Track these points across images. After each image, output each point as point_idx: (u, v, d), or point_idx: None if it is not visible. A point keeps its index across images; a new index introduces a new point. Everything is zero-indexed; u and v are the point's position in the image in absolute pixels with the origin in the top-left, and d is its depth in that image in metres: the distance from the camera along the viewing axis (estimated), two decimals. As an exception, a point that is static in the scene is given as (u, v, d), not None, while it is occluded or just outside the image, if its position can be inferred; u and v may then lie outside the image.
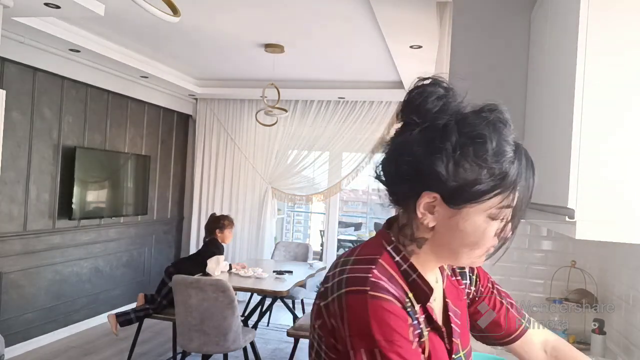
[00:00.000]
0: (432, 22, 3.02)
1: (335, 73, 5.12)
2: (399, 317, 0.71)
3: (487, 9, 2.10)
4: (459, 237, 0.77)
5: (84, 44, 4.01)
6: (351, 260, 0.78)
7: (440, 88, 0.79)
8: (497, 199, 0.75)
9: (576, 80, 1.17)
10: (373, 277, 0.73)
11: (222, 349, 3.19)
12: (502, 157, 0.74)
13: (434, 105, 0.77)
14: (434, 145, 0.75)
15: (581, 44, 1.18)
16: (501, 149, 0.74)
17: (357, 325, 0.71)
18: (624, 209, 1.15)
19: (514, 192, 0.76)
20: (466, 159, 0.74)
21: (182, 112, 6.21)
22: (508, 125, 0.77)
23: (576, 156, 1.17)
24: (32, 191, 4.14)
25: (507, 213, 0.77)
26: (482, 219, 0.76)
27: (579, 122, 1.17)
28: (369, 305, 0.70)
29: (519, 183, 0.76)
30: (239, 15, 3.50)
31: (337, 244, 6.52)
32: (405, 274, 0.79)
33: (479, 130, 0.74)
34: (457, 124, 0.75)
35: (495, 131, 0.75)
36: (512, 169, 0.75)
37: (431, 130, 0.76)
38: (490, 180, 0.74)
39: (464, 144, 0.74)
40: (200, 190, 6.29)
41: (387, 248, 0.80)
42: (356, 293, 0.72)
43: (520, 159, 0.76)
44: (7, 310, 3.94)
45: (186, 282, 3.18)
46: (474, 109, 0.78)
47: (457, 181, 0.74)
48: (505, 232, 0.79)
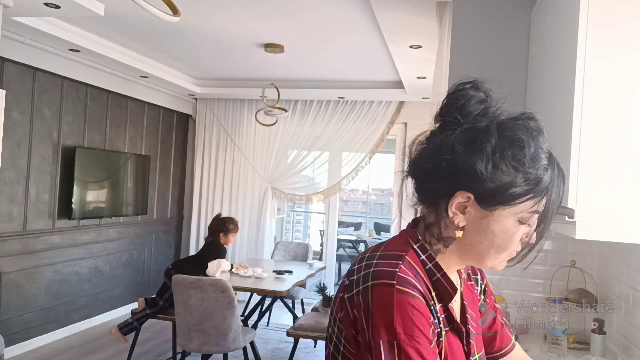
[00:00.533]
0: (432, 22, 3.02)
1: (335, 73, 5.12)
2: (422, 314, 0.73)
3: (487, 9, 2.11)
4: (488, 238, 0.80)
5: (84, 44, 4.02)
6: (378, 255, 0.80)
7: (482, 92, 0.82)
8: (529, 204, 0.78)
9: (576, 80, 1.17)
10: (400, 272, 0.75)
11: (222, 349, 3.19)
12: (537, 163, 0.77)
13: (476, 109, 0.80)
14: (475, 145, 0.77)
15: (581, 43, 1.18)
16: (537, 155, 0.77)
17: (382, 316, 0.72)
18: (624, 209, 1.15)
19: (545, 198, 0.78)
20: (505, 162, 0.77)
21: (182, 112, 6.21)
22: (543, 134, 0.79)
23: (576, 156, 1.17)
24: (32, 191, 4.15)
25: (536, 219, 0.79)
26: (512, 223, 0.79)
27: (579, 122, 1.17)
28: (395, 298, 0.72)
29: (551, 190, 0.78)
30: (239, 15, 3.50)
31: (337, 244, 6.52)
32: (430, 272, 0.81)
33: (518, 135, 0.77)
34: (498, 127, 0.78)
35: (532, 138, 0.77)
36: (546, 176, 0.78)
37: (473, 131, 0.78)
38: (525, 185, 0.77)
39: (504, 147, 0.77)
40: (200, 191, 6.30)
41: (413, 246, 0.82)
42: (384, 286, 0.74)
43: (554, 167, 0.79)
44: (7, 311, 3.94)
45: (186, 282, 3.18)
46: (511, 115, 0.80)
47: (494, 182, 0.77)
48: (531, 237, 0.81)
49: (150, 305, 3.77)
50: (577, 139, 1.17)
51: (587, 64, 1.17)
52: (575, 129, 1.18)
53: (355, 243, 7.56)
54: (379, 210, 9.74)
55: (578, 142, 1.17)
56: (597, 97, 1.17)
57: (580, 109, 1.17)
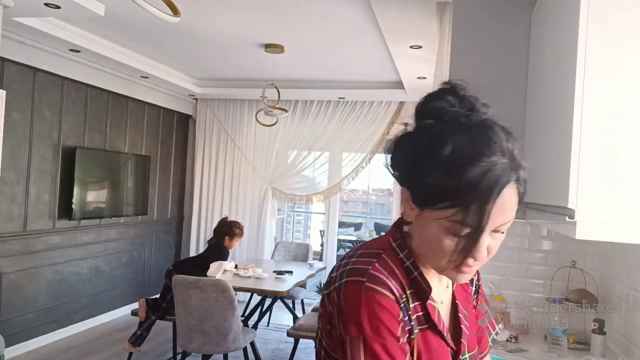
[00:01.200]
0: (432, 22, 3.02)
1: (335, 73, 5.12)
2: (389, 311, 0.74)
3: (487, 9, 2.10)
4: (424, 240, 0.79)
5: (84, 44, 4.02)
6: (358, 253, 0.82)
7: (450, 96, 0.79)
8: (449, 212, 0.73)
9: (576, 80, 1.17)
10: (373, 269, 0.77)
11: (222, 349, 3.19)
12: (461, 169, 0.71)
13: (431, 109, 0.79)
14: (406, 142, 0.80)
15: (581, 43, 1.18)
16: (464, 160, 0.72)
17: (350, 312, 0.74)
18: (624, 209, 1.15)
19: (468, 209, 0.72)
20: (426, 160, 0.75)
21: (182, 112, 6.21)
22: (493, 144, 0.73)
23: (576, 156, 1.17)
24: (32, 191, 4.15)
25: (461, 229, 0.73)
26: (436, 228, 0.75)
27: (579, 122, 1.17)
28: (363, 295, 0.74)
29: (473, 202, 0.71)
30: (239, 16, 3.50)
31: (337, 244, 6.52)
32: (408, 270, 0.81)
33: (445, 133, 0.74)
34: (435, 125, 0.77)
35: (470, 140, 0.73)
36: (471, 187, 0.71)
37: (415, 130, 0.80)
38: (445, 190, 0.73)
39: (433, 148, 0.74)
40: (200, 191, 6.30)
41: (392, 244, 0.83)
42: (354, 283, 0.76)
43: (487, 180, 0.71)
44: (7, 311, 3.94)
45: (186, 282, 3.18)
46: (470, 121, 0.77)
47: (418, 182, 0.77)
48: (458, 249, 0.74)
49: (152, 306, 3.77)
50: (577, 139, 1.17)
51: (587, 63, 1.17)
52: (575, 128, 1.17)
53: (355, 243, 7.56)
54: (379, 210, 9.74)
55: (578, 142, 1.17)
56: (597, 97, 1.17)
57: (580, 109, 1.17)
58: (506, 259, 2.32)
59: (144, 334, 3.71)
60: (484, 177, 0.71)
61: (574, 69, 1.19)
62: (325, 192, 5.99)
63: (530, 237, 2.31)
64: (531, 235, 2.31)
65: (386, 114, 5.67)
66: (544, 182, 1.51)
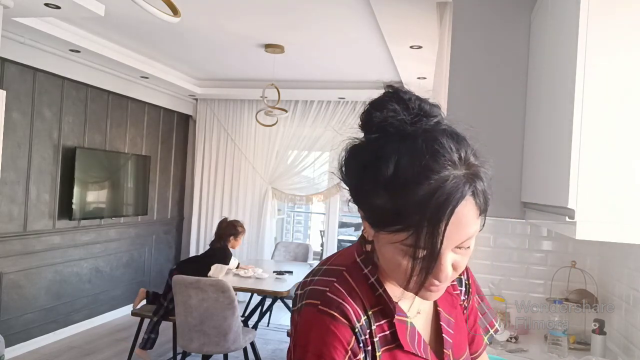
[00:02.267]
0: (432, 22, 3.02)
1: (335, 73, 5.12)
2: (337, 337, 0.70)
3: (487, 9, 2.10)
4: (384, 261, 0.73)
5: (84, 45, 4.01)
6: (322, 270, 0.79)
7: (395, 103, 0.71)
8: (402, 235, 0.66)
9: (576, 80, 1.17)
10: (329, 291, 0.73)
11: (222, 350, 3.19)
12: (410, 192, 0.64)
13: (371, 119, 0.73)
14: (358, 161, 0.72)
15: (581, 43, 1.18)
16: (413, 182, 0.64)
17: (301, 335, 0.73)
18: (624, 209, 1.15)
19: (420, 232, 0.64)
20: (376, 184, 0.67)
21: (182, 113, 6.21)
22: (441, 158, 0.65)
23: (576, 156, 1.17)
24: (32, 191, 4.15)
25: (417, 252, 0.66)
26: (391, 250, 0.69)
27: (579, 122, 1.17)
28: (314, 318, 0.72)
29: (423, 225, 0.64)
30: (239, 16, 3.50)
31: (338, 244, 6.52)
32: (373, 287, 0.76)
33: (384, 149, 0.67)
34: (376, 138, 0.70)
35: (417, 161, 0.65)
36: (419, 208, 0.64)
37: (363, 146, 0.73)
38: (392, 213, 0.66)
39: (377, 166, 0.67)
40: (200, 191, 6.30)
41: (357, 259, 0.78)
42: (310, 306, 0.73)
43: (436, 199, 0.63)
44: (7, 311, 3.94)
45: (186, 282, 3.18)
46: (416, 131, 0.68)
47: (368, 202, 0.70)
48: (417, 272, 0.68)
49: (151, 299, 3.77)
50: (577, 139, 1.17)
51: (587, 63, 1.17)
52: (575, 128, 1.17)
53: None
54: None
55: (578, 141, 1.17)
56: (597, 97, 1.17)
57: (580, 109, 1.17)
58: (506, 259, 2.32)
59: (151, 337, 3.71)
60: (433, 197, 0.63)
61: (574, 68, 1.19)
62: (325, 192, 5.99)
63: (531, 238, 2.31)
64: (531, 236, 2.31)
65: (386, 114, 5.66)
66: (544, 182, 1.51)
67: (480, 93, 2.03)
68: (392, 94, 0.73)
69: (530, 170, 1.82)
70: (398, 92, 0.72)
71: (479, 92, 2.03)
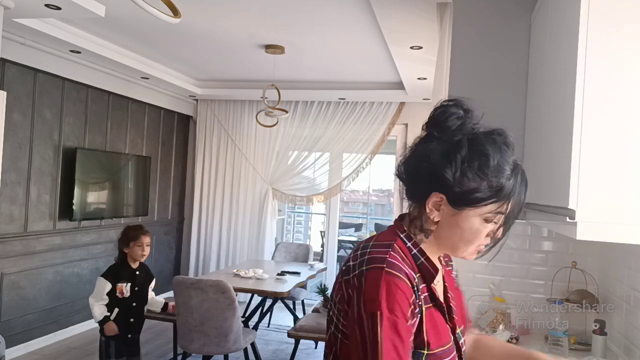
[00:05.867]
0: (433, 23, 3.02)
1: (335, 74, 5.12)
2: (404, 294, 0.87)
3: (487, 10, 2.10)
4: (457, 233, 0.95)
5: (85, 45, 4.02)
6: (370, 244, 0.95)
7: (461, 110, 0.95)
8: (493, 206, 0.92)
9: (577, 80, 1.17)
10: (390, 257, 0.90)
11: (222, 350, 3.19)
12: (500, 173, 0.91)
13: (453, 124, 0.94)
14: (447, 156, 0.92)
15: (582, 43, 1.18)
16: (501, 167, 0.91)
17: (370, 293, 0.86)
18: (624, 210, 1.15)
19: (508, 202, 0.93)
20: (471, 171, 0.91)
21: (182, 113, 6.21)
22: (510, 148, 0.94)
23: (577, 157, 1.17)
24: (33, 192, 4.15)
25: (500, 218, 0.94)
26: (478, 221, 0.93)
27: (580, 122, 1.17)
28: (383, 278, 0.86)
29: (512, 196, 0.93)
30: (239, 16, 3.50)
31: (338, 245, 6.52)
32: (415, 257, 0.96)
33: (485, 149, 0.91)
34: (469, 141, 0.92)
35: (499, 152, 0.92)
36: (508, 184, 0.92)
37: (447, 144, 0.93)
38: (488, 191, 0.91)
39: (472, 158, 0.91)
40: (200, 191, 6.29)
41: (400, 235, 0.98)
42: (376, 269, 0.88)
43: (517, 177, 0.93)
44: (7, 312, 3.94)
45: (187, 283, 3.18)
46: (485, 130, 0.95)
47: (461, 187, 0.91)
48: (497, 233, 0.96)
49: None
50: (578, 139, 1.17)
51: (588, 64, 1.17)
52: (575, 129, 1.17)
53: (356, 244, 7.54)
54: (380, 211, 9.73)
55: (579, 142, 1.17)
56: (598, 97, 1.16)
57: (580, 109, 1.17)
58: (507, 260, 2.32)
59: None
60: (518, 175, 0.94)
61: (574, 69, 1.19)
62: (325, 193, 5.99)
63: (531, 238, 2.31)
64: (532, 236, 2.31)
65: (386, 115, 5.67)
66: (545, 182, 1.51)
67: (480, 93, 2.03)
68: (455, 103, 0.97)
69: (530, 171, 1.81)
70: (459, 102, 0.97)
71: (479, 92, 2.03)
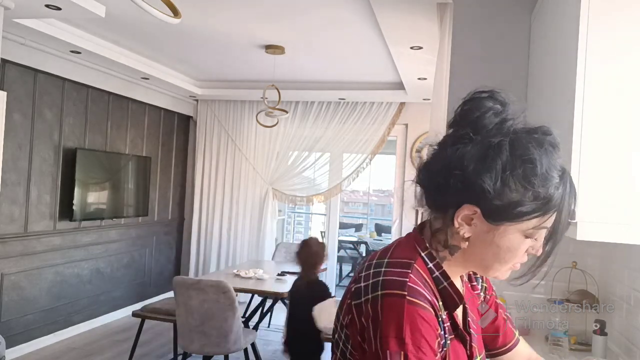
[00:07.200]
0: (433, 23, 3.02)
1: (335, 74, 5.12)
2: (430, 326, 0.73)
3: (487, 10, 2.10)
4: (492, 251, 0.79)
5: (85, 46, 4.02)
6: (385, 262, 0.79)
7: (498, 104, 0.78)
8: (536, 221, 0.76)
9: (577, 80, 1.17)
10: (410, 281, 0.75)
11: (223, 350, 3.19)
12: (548, 182, 0.75)
13: (491, 122, 0.77)
14: (485, 162, 0.75)
15: (582, 44, 1.18)
16: (549, 174, 0.75)
17: (391, 327, 0.72)
18: (625, 210, 1.15)
19: (554, 215, 0.77)
20: (514, 180, 0.74)
21: (182, 114, 6.21)
22: (557, 150, 0.77)
23: (577, 157, 1.17)
24: (33, 192, 4.15)
25: (543, 232, 0.78)
26: (518, 238, 0.77)
27: (580, 123, 1.17)
28: (406, 310, 0.72)
29: (561, 207, 0.77)
30: (239, 17, 3.50)
31: (338, 245, 6.52)
32: (437, 280, 0.80)
33: (530, 153, 0.74)
34: (510, 144, 0.75)
35: (545, 155, 0.75)
36: (557, 194, 0.76)
37: (484, 147, 0.76)
38: (534, 203, 0.75)
39: (515, 165, 0.74)
40: (201, 192, 6.29)
41: (421, 253, 0.81)
42: (394, 297, 0.73)
43: (565, 185, 0.77)
44: (7, 312, 3.94)
45: (187, 283, 3.18)
46: (527, 128, 0.77)
47: (502, 200, 0.75)
48: (536, 249, 0.80)
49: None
50: (578, 139, 1.17)
51: (588, 63, 1.17)
52: (576, 129, 1.17)
53: (356, 244, 7.55)
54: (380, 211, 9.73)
55: (579, 142, 1.17)
56: (598, 97, 1.16)
57: (580, 110, 1.17)
58: (507, 260, 2.31)
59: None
60: (565, 182, 0.77)
61: (574, 69, 1.19)
62: (325, 193, 5.99)
63: (531, 238, 2.30)
64: (532, 236, 2.30)
65: (387, 115, 5.67)
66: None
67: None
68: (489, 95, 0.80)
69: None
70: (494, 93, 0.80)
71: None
